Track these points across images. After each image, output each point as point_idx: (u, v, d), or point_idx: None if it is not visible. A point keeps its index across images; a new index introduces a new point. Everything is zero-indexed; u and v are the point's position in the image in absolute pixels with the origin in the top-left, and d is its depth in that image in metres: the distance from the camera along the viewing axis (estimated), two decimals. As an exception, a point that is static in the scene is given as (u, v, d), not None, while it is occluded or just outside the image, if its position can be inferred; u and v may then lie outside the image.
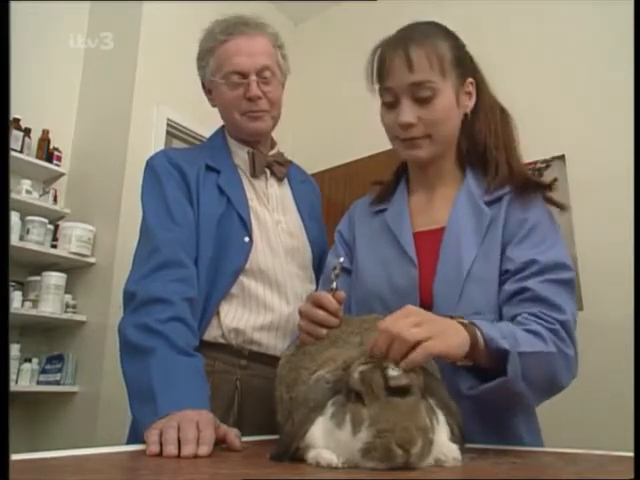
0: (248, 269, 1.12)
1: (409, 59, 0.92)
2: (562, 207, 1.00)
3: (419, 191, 1.07)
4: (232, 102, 1.18)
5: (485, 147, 1.02)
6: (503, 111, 1.05)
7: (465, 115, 1.00)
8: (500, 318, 0.90)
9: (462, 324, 0.74)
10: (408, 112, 0.94)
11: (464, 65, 0.98)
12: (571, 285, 0.89)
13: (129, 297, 0.99)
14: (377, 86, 0.99)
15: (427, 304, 0.93)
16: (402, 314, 0.68)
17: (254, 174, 1.23)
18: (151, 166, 1.17)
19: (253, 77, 1.16)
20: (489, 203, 0.98)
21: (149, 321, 0.93)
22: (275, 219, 1.21)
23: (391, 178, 1.13)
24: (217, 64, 1.18)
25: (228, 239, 1.11)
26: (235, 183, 1.19)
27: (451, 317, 0.76)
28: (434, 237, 0.98)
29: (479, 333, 0.74)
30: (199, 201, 1.12)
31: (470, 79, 1.00)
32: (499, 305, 0.90)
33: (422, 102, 0.93)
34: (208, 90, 1.25)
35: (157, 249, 1.03)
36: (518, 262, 0.89)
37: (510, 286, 0.89)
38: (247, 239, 1.13)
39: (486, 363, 0.75)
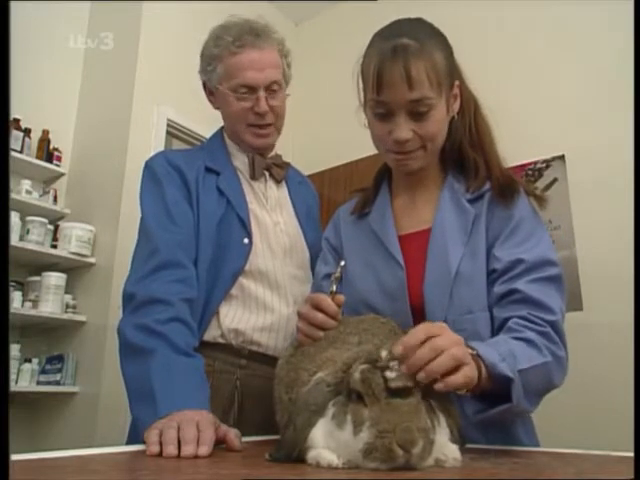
0: (248, 270, 1.12)
1: (410, 76, 0.87)
2: (541, 199, 0.99)
3: (402, 193, 1.06)
4: (239, 114, 1.19)
5: (461, 146, 1.01)
6: (477, 107, 1.03)
7: (452, 117, 0.98)
8: (491, 317, 0.90)
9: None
10: (404, 128, 0.91)
11: (454, 72, 0.96)
12: (558, 281, 0.89)
13: (128, 298, 0.99)
14: (370, 96, 0.93)
15: (417, 306, 0.93)
16: (436, 330, 0.66)
17: (254, 177, 1.23)
18: (150, 167, 1.17)
19: (262, 93, 1.16)
20: (471, 201, 0.98)
21: (149, 321, 0.93)
22: (274, 220, 1.21)
23: (372, 182, 1.12)
24: (226, 74, 1.18)
25: (228, 241, 1.11)
26: (235, 185, 1.19)
27: None
28: (420, 238, 0.98)
29: (482, 363, 0.71)
30: (199, 202, 1.12)
31: (457, 82, 0.97)
32: (489, 306, 0.91)
33: (418, 116, 0.91)
34: (210, 91, 1.25)
35: (156, 250, 1.03)
36: (505, 261, 0.89)
37: (499, 288, 0.89)
38: (247, 241, 1.13)
39: (487, 387, 0.73)
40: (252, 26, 1.18)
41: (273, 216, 1.22)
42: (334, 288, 0.88)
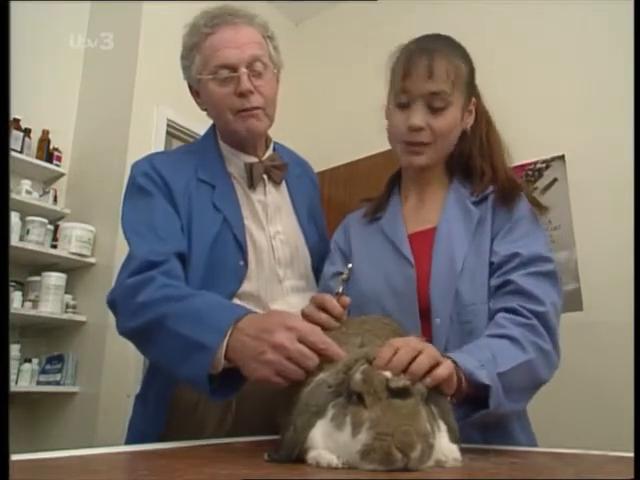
0: (240, 293, 1.07)
1: (432, 69, 0.97)
2: (542, 207, 1.03)
3: (410, 196, 1.11)
4: (222, 100, 1.09)
5: (470, 155, 1.07)
6: (489, 123, 1.10)
7: (464, 132, 1.05)
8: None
9: None
10: (420, 116, 0.98)
11: (472, 86, 1.05)
12: (553, 277, 0.93)
13: (112, 306, 0.97)
14: (396, 85, 1.02)
15: (424, 302, 0.96)
16: (409, 339, 0.69)
17: (252, 186, 1.15)
18: (134, 176, 1.11)
19: (243, 69, 1.07)
20: (476, 203, 1.03)
21: (140, 300, 0.89)
22: (273, 231, 1.15)
23: (384, 189, 1.17)
24: (203, 59, 1.10)
25: (222, 262, 1.06)
26: (231, 200, 1.12)
27: None
28: (426, 237, 1.02)
29: (460, 371, 0.73)
30: (191, 218, 1.06)
31: (474, 99, 1.05)
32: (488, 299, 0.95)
33: (434, 111, 0.98)
34: (195, 92, 1.17)
35: (132, 256, 0.99)
36: (502, 255, 0.94)
37: (495, 280, 0.94)
38: (242, 263, 1.08)
39: (468, 392, 0.75)
40: (227, 7, 1.12)
41: (272, 227, 1.15)
42: (341, 289, 0.88)
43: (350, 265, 0.93)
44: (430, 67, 0.97)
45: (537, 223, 1.01)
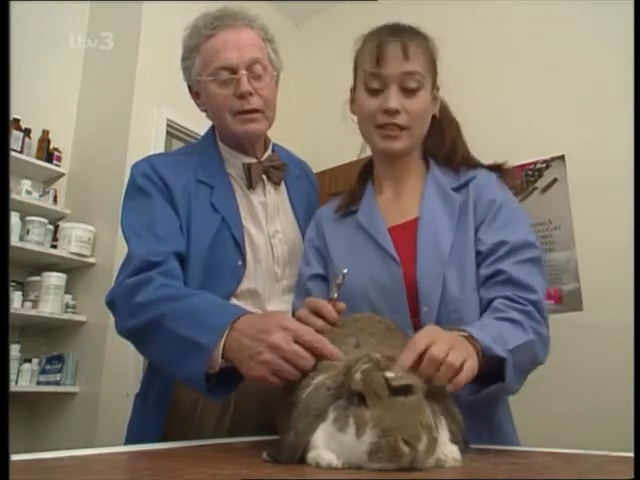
0: (239, 292, 1.08)
1: (406, 48, 0.96)
2: (509, 172, 1.08)
3: (386, 188, 1.09)
4: (222, 102, 1.10)
5: (444, 142, 1.08)
6: (446, 106, 1.11)
7: (434, 116, 1.05)
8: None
9: (464, 337, 0.75)
10: (395, 99, 0.97)
11: (436, 73, 1.04)
12: (539, 262, 0.95)
13: (111, 306, 0.98)
14: (364, 71, 1.01)
15: (411, 293, 0.95)
16: (432, 338, 0.67)
17: (251, 186, 1.16)
18: (133, 176, 1.12)
19: (243, 71, 1.08)
20: (456, 190, 1.02)
21: (137, 301, 0.90)
22: (272, 231, 1.15)
23: (356, 181, 1.15)
24: (203, 61, 1.11)
25: (221, 262, 1.07)
26: (229, 201, 1.13)
27: (450, 329, 0.76)
28: (407, 229, 1.01)
29: (477, 345, 0.75)
30: (190, 218, 1.07)
31: (438, 85, 1.05)
32: (477, 288, 0.95)
33: (408, 93, 0.98)
34: (195, 93, 1.18)
35: (131, 256, 1.00)
36: (489, 244, 0.95)
37: (485, 270, 0.94)
38: (240, 263, 1.08)
39: (482, 368, 0.76)
40: (227, 9, 1.13)
41: (271, 226, 1.16)
42: (335, 295, 0.87)
43: (345, 271, 0.91)
44: (403, 48, 0.97)
45: (518, 206, 1.03)
